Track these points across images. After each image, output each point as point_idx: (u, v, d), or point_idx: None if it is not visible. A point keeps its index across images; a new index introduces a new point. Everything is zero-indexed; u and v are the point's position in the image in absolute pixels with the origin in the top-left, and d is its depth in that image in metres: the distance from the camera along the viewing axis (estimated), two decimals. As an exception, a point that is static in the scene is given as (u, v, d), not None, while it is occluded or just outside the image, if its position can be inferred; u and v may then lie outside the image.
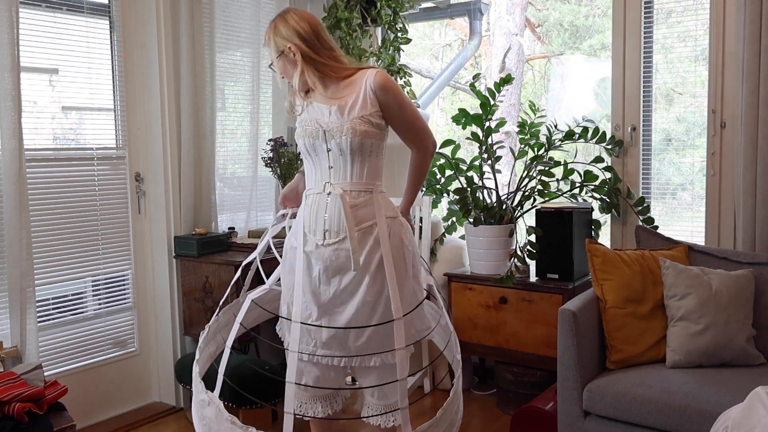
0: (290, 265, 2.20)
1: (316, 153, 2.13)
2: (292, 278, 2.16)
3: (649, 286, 2.74)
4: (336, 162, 2.10)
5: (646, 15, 3.32)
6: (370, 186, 2.12)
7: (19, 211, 2.82)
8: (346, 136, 2.05)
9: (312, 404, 2.22)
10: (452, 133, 5.37)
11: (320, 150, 2.12)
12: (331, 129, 2.07)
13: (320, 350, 2.13)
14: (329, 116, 2.09)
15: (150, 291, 3.53)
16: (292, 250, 2.19)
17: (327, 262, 2.09)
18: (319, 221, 2.10)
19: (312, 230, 2.12)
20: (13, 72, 2.78)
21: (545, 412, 2.81)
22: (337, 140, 2.07)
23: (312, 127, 2.11)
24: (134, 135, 3.45)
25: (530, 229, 3.30)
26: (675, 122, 3.46)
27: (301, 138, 2.15)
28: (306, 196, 2.19)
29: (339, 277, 2.09)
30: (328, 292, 2.11)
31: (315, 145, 2.12)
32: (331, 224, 2.08)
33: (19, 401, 2.43)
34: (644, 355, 2.67)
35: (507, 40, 6.27)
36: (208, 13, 3.53)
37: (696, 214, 3.32)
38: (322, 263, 2.09)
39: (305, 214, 2.15)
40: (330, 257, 2.08)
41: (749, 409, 1.95)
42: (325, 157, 2.11)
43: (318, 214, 2.11)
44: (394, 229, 2.12)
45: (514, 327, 3.30)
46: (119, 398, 3.44)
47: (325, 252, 2.08)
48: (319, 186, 2.13)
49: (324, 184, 2.11)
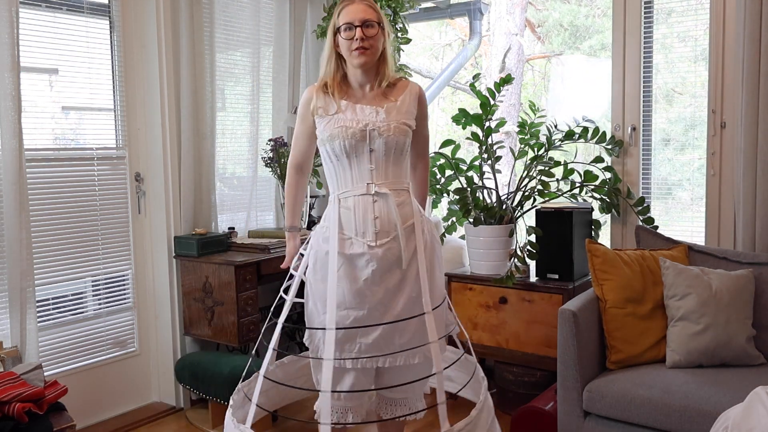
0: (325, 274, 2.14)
1: (356, 154, 2.13)
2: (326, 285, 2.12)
3: (649, 286, 2.74)
4: (377, 163, 2.13)
5: (646, 15, 3.32)
6: (406, 185, 2.21)
7: (19, 211, 2.82)
8: (393, 136, 2.13)
9: (342, 413, 2.20)
10: (452, 133, 5.37)
11: (361, 151, 2.13)
12: (379, 129, 2.11)
13: (364, 354, 2.12)
14: (376, 116, 2.13)
15: (150, 291, 3.53)
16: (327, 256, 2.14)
17: (380, 263, 2.11)
18: (368, 223, 2.11)
19: (359, 232, 2.11)
20: (13, 72, 2.78)
21: (545, 412, 2.81)
22: (384, 140, 2.12)
23: (356, 127, 2.11)
24: (134, 135, 3.45)
25: (530, 229, 3.30)
26: (675, 122, 3.46)
27: (338, 139, 2.12)
28: (341, 198, 2.15)
29: (389, 275, 2.12)
30: (378, 292, 2.12)
31: (357, 146, 2.11)
32: (382, 225, 2.11)
33: (19, 401, 2.42)
34: (644, 355, 2.67)
35: (507, 40, 6.27)
36: (208, 13, 3.53)
37: (696, 214, 3.32)
38: (376, 263, 2.10)
39: (346, 218, 2.13)
40: (383, 257, 2.11)
41: (749, 409, 1.95)
42: (366, 158, 2.13)
43: (365, 215, 2.11)
44: (427, 226, 2.22)
45: (514, 327, 3.30)
46: (119, 398, 3.44)
47: (378, 252, 2.10)
48: (360, 188, 2.13)
49: (366, 185, 2.12)
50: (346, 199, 2.14)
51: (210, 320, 3.32)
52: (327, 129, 2.15)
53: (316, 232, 2.22)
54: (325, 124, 2.16)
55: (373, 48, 2.13)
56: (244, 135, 3.83)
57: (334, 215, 2.14)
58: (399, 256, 2.12)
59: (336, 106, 2.15)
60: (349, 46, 2.13)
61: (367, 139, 2.11)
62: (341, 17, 2.15)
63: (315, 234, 2.22)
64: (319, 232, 2.20)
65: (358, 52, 2.12)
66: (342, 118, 2.13)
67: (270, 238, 3.60)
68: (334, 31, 2.17)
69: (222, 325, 3.27)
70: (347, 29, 2.13)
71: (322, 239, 2.18)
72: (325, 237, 2.16)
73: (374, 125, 2.11)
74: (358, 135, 2.10)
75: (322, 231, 2.19)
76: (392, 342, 2.13)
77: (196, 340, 3.56)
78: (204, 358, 3.31)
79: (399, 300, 2.14)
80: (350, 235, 2.12)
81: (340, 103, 2.16)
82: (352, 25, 2.12)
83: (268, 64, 3.91)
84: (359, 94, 2.20)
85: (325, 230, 2.17)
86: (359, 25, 2.11)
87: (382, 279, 2.12)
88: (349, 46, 2.13)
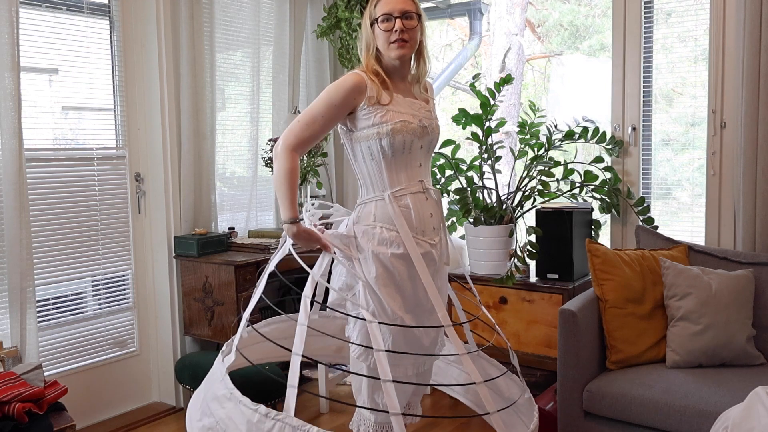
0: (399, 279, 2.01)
1: (410, 151, 2.03)
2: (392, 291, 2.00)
3: (649, 286, 2.74)
4: (424, 159, 2.09)
5: (646, 15, 3.32)
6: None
7: (19, 211, 2.82)
8: (437, 134, 2.11)
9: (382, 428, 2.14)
10: (452, 133, 5.37)
11: (414, 147, 2.04)
12: (430, 126, 2.08)
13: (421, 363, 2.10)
14: (424, 112, 2.09)
15: (150, 291, 3.53)
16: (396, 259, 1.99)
17: (438, 262, 2.09)
18: (426, 221, 2.05)
19: (419, 231, 2.03)
20: (13, 72, 2.78)
21: (545, 412, 2.81)
22: (431, 137, 2.09)
23: (415, 123, 2.02)
24: (134, 135, 3.45)
25: (530, 229, 3.30)
26: (675, 122, 3.46)
27: (400, 134, 1.99)
28: (395, 197, 2.01)
29: (439, 274, 2.11)
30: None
31: (414, 142, 2.02)
32: (435, 223, 2.09)
33: (19, 401, 2.42)
34: (644, 355, 2.67)
35: (507, 40, 6.27)
36: (208, 13, 3.53)
37: (696, 214, 3.32)
38: (435, 264, 2.07)
39: (407, 217, 2.01)
40: (440, 256, 2.10)
41: (749, 409, 1.95)
42: (417, 154, 2.05)
43: (423, 213, 2.05)
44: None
45: (514, 327, 3.30)
46: (119, 398, 3.44)
47: (437, 252, 2.08)
48: (414, 185, 2.04)
49: (419, 182, 2.06)
50: (402, 197, 2.02)
51: (210, 320, 3.32)
52: (385, 122, 1.98)
53: (366, 233, 2.02)
54: (380, 115, 1.99)
55: (412, 41, 2.02)
56: (244, 135, 3.83)
57: (396, 215, 2.00)
58: (446, 254, 2.13)
59: (389, 97, 2.01)
60: (387, 38, 2.00)
61: (419, 136, 2.03)
62: (378, 8, 2.02)
63: (364, 236, 2.03)
64: (370, 233, 2.02)
65: (397, 44, 1.99)
66: (398, 111, 2.00)
67: (270, 238, 3.60)
68: (371, 22, 2.04)
69: (222, 325, 3.27)
70: (385, 20, 1.99)
71: (378, 241, 2.00)
72: (383, 239, 2.00)
73: (426, 121, 2.06)
74: (419, 131, 2.03)
75: (377, 233, 2.01)
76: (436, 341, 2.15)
77: (196, 340, 3.56)
78: (204, 358, 3.31)
79: (443, 298, 2.13)
80: (415, 235, 2.02)
81: (394, 95, 2.03)
82: (390, 16, 1.98)
83: (268, 64, 3.91)
84: (400, 86, 2.08)
85: (381, 231, 2.00)
86: (399, 16, 1.98)
87: (436, 278, 2.07)
88: (387, 38, 1.99)
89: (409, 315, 2.04)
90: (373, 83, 2.01)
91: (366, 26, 2.05)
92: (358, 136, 2.03)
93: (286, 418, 1.68)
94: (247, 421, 1.72)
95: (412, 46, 2.03)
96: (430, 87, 2.22)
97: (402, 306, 2.02)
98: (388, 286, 2.00)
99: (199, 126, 3.51)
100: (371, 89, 2.00)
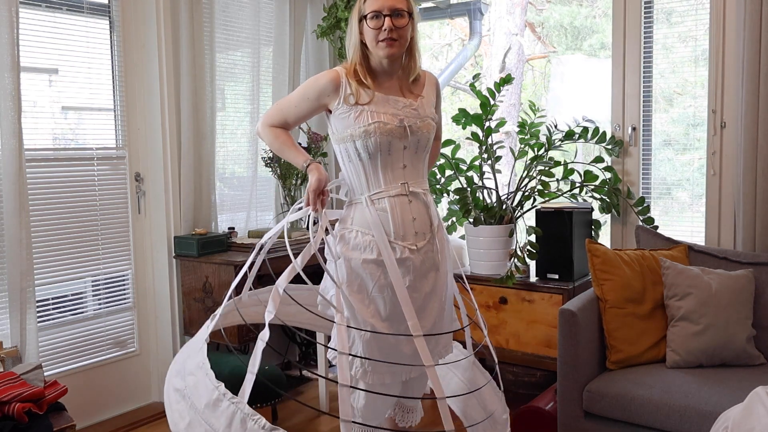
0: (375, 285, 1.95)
1: (390, 152, 1.95)
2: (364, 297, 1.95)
3: (649, 286, 2.74)
4: (409, 160, 1.99)
5: (646, 15, 3.32)
6: (427, 183, 2.10)
7: (19, 211, 2.82)
8: (426, 133, 2.00)
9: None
10: (452, 133, 5.37)
11: (395, 148, 1.95)
12: (414, 125, 1.97)
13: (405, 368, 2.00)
14: (410, 111, 1.98)
15: (150, 291, 3.53)
16: (368, 264, 1.95)
17: (420, 267, 1.99)
18: (407, 225, 1.96)
19: (399, 236, 1.96)
20: (13, 72, 2.78)
21: (545, 412, 2.81)
22: (417, 137, 1.98)
23: (393, 123, 1.93)
24: (134, 135, 3.45)
25: (530, 229, 3.30)
26: (675, 122, 3.46)
27: (374, 135, 1.91)
28: (374, 200, 1.96)
29: (425, 280, 2.02)
30: (418, 299, 2.00)
31: (393, 143, 1.94)
32: (419, 227, 1.99)
33: (19, 401, 2.42)
34: (644, 355, 2.67)
35: (507, 40, 6.27)
36: (208, 13, 3.53)
37: (696, 214, 3.32)
38: (417, 268, 1.98)
39: (384, 221, 1.95)
40: (422, 261, 2.00)
41: (749, 409, 1.95)
42: (400, 156, 1.96)
43: (404, 217, 1.96)
44: (441, 223, 2.14)
45: (514, 327, 3.30)
46: (119, 398, 3.44)
47: (418, 257, 1.98)
48: (394, 187, 1.96)
49: (401, 185, 1.97)
50: (380, 200, 1.96)
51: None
52: (359, 123, 1.93)
53: (342, 238, 1.99)
54: (354, 116, 1.94)
55: (402, 39, 1.94)
56: (244, 135, 3.83)
57: (373, 219, 1.94)
58: (434, 259, 2.02)
59: (368, 96, 1.95)
60: (375, 36, 1.93)
61: (400, 136, 1.94)
62: (368, 4, 1.94)
63: (340, 240, 2.00)
64: (345, 237, 1.99)
65: (386, 43, 1.92)
66: (375, 111, 1.94)
67: (270, 238, 3.59)
68: (359, 18, 1.97)
69: (222, 325, 3.27)
70: (374, 17, 1.92)
71: (352, 246, 1.97)
72: (356, 244, 1.96)
73: (410, 120, 1.96)
74: (396, 132, 1.94)
75: (352, 237, 1.97)
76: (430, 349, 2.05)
77: (196, 340, 3.56)
78: (204, 358, 3.31)
79: (434, 305, 2.05)
80: (393, 240, 1.95)
81: (375, 94, 1.96)
82: (380, 14, 1.91)
83: (268, 64, 3.91)
84: (386, 84, 2.00)
85: (356, 236, 1.97)
86: (388, 14, 1.91)
87: (421, 284, 2.00)
88: (376, 36, 1.93)
89: (385, 323, 1.97)
90: (350, 81, 1.96)
91: (354, 22, 1.99)
92: (337, 138, 2.00)
93: (240, 404, 1.72)
94: (207, 396, 1.78)
95: (402, 45, 1.97)
96: (431, 81, 2.11)
97: (376, 313, 1.96)
98: (359, 293, 1.95)
99: (199, 126, 3.50)
100: (347, 87, 1.95)
